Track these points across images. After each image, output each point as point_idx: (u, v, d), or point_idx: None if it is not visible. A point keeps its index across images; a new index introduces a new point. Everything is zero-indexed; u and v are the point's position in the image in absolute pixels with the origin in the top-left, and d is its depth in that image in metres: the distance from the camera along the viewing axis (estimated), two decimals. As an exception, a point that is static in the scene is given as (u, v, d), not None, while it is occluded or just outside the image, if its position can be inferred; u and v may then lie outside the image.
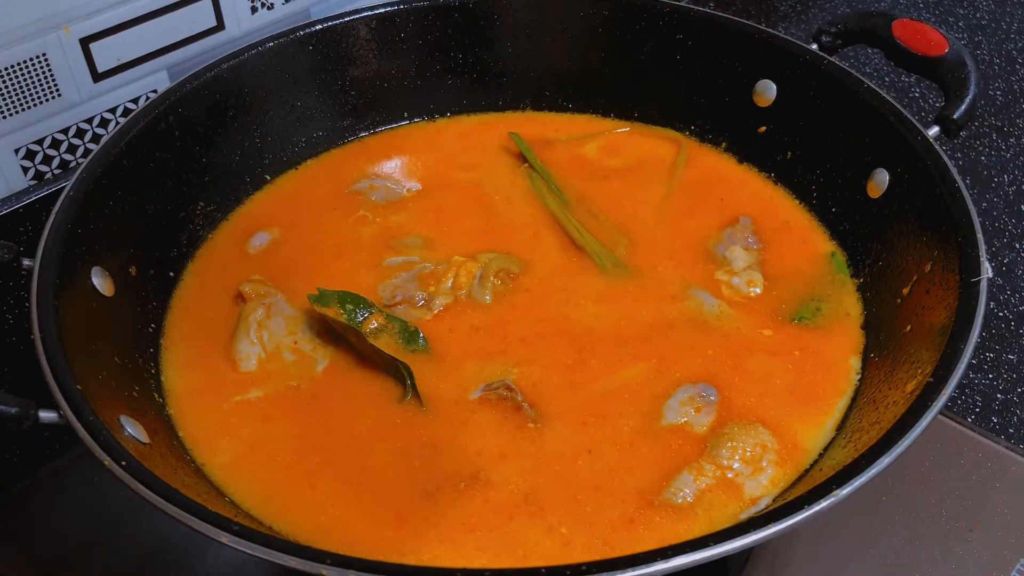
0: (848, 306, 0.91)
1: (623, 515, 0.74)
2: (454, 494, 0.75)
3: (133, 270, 0.88)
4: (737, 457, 0.76)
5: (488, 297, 0.91)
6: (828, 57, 1.00)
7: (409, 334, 0.87)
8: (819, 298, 0.91)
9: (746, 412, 0.81)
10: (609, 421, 0.81)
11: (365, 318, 0.88)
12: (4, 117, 0.96)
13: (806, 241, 0.98)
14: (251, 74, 1.02)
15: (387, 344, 0.87)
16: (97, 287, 0.82)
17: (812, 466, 0.77)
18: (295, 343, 0.88)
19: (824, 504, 0.61)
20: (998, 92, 1.44)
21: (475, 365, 0.85)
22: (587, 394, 0.83)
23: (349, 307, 0.88)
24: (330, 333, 0.88)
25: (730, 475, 0.76)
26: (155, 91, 1.07)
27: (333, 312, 0.87)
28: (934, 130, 0.90)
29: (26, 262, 0.77)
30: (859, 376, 0.84)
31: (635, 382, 0.84)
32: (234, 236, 1.00)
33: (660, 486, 0.76)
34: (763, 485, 0.75)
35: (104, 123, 1.05)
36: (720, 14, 1.07)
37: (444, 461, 0.78)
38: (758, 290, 0.93)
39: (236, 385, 0.85)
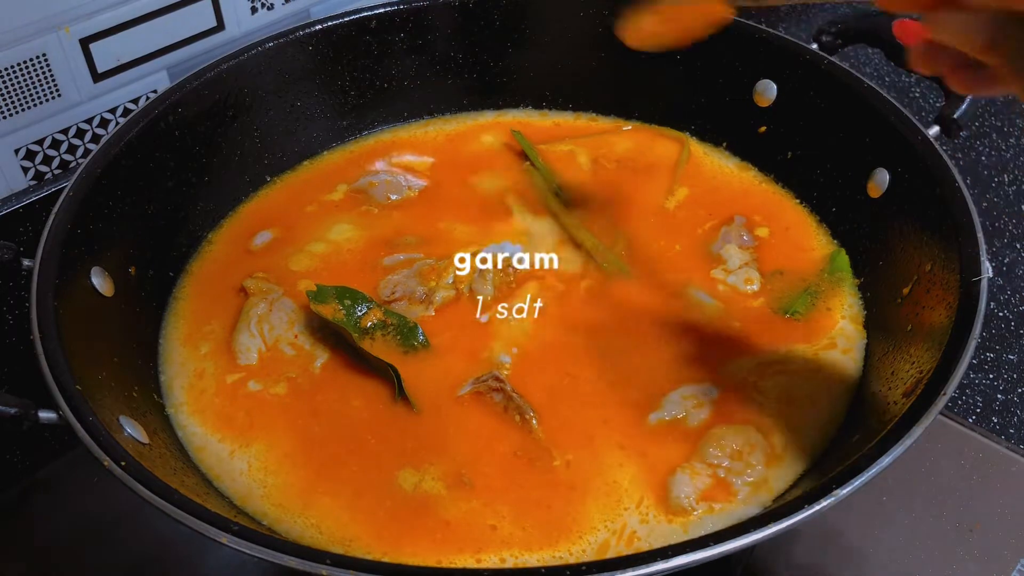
0: (848, 305, 0.91)
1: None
2: (442, 494, 0.75)
3: (133, 270, 0.88)
4: (726, 455, 0.76)
5: (489, 290, 0.91)
6: (828, 57, 1.00)
7: (408, 329, 0.87)
8: (817, 297, 0.91)
9: (742, 410, 0.81)
10: (605, 416, 0.81)
11: (363, 313, 0.88)
12: (4, 117, 0.96)
13: (806, 241, 0.98)
14: (251, 74, 1.02)
15: (385, 340, 0.87)
16: (97, 287, 0.82)
17: (811, 466, 0.77)
18: (295, 337, 0.88)
19: (824, 504, 0.61)
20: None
21: (472, 360, 0.85)
22: (583, 389, 0.83)
23: (347, 303, 0.88)
24: (329, 329, 0.88)
25: (721, 473, 0.76)
26: (155, 91, 1.07)
27: (331, 309, 0.87)
28: (934, 130, 0.90)
29: (26, 262, 0.77)
30: (859, 375, 0.85)
31: (632, 378, 0.84)
32: (234, 236, 1.00)
33: (655, 483, 0.76)
34: (752, 482, 0.76)
35: (104, 123, 1.05)
36: (720, 14, 1.07)
37: (434, 460, 0.78)
38: (755, 288, 0.93)
39: (235, 384, 0.85)
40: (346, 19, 1.07)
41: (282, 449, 0.79)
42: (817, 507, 0.60)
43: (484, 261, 0.93)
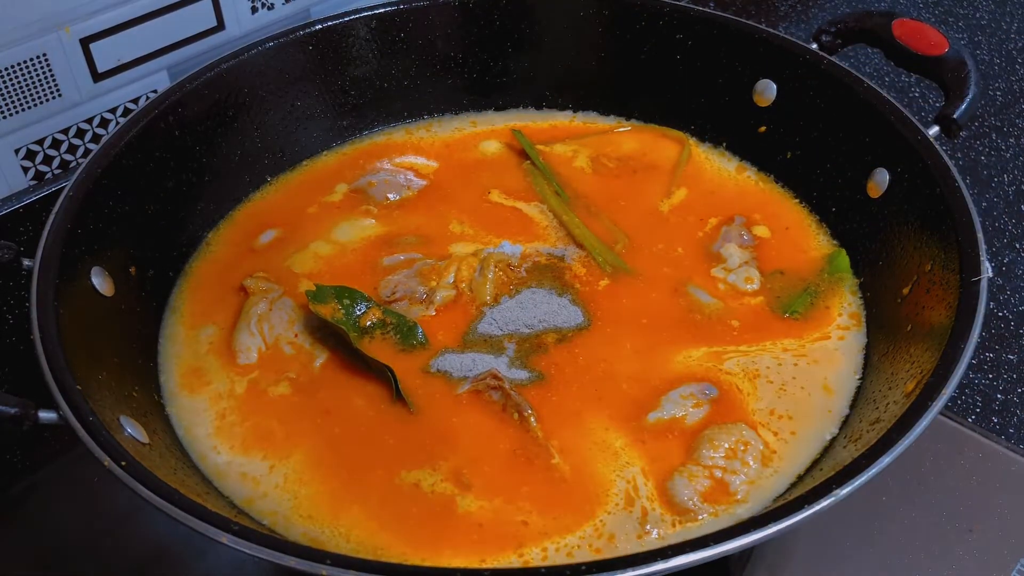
0: (847, 305, 0.91)
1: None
2: (461, 496, 0.75)
3: (133, 270, 0.88)
4: (720, 456, 0.76)
5: (489, 289, 0.91)
6: (828, 57, 1.00)
7: (408, 329, 0.87)
8: (817, 296, 0.91)
9: (740, 409, 0.81)
10: (604, 415, 0.81)
11: (362, 313, 0.88)
12: (4, 117, 0.96)
13: (806, 240, 0.98)
14: (251, 74, 1.02)
15: (384, 340, 0.87)
16: (97, 287, 0.82)
17: (812, 465, 0.77)
18: (295, 336, 0.88)
19: (824, 504, 0.61)
20: (998, 92, 1.44)
21: (472, 358, 0.86)
22: (582, 388, 0.83)
23: (346, 302, 0.88)
24: (328, 329, 0.88)
25: (718, 473, 0.76)
26: (155, 91, 1.07)
27: (330, 309, 0.88)
28: (934, 130, 0.90)
29: (26, 262, 0.77)
30: (859, 375, 0.85)
31: (630, 377, 0.84)
32: (234, 236, 1.00)
33: (656, 481, 0.76)
34: (749, 481, 0.76)
35: (104, 123, 1.05)
36: (720, 14, 1.07)
37: (448, 457, 0.78)
38: (755, 286, 0.93)
39: (235, 383, 0.85)
40: (346, 19, 1.07)
41: (282, 449, 0.79)
42: (817, 507, 0.60)
43: (484, 261, 0.93)
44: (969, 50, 1.05)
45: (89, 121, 1.03)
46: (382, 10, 1.08)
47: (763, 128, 1.06)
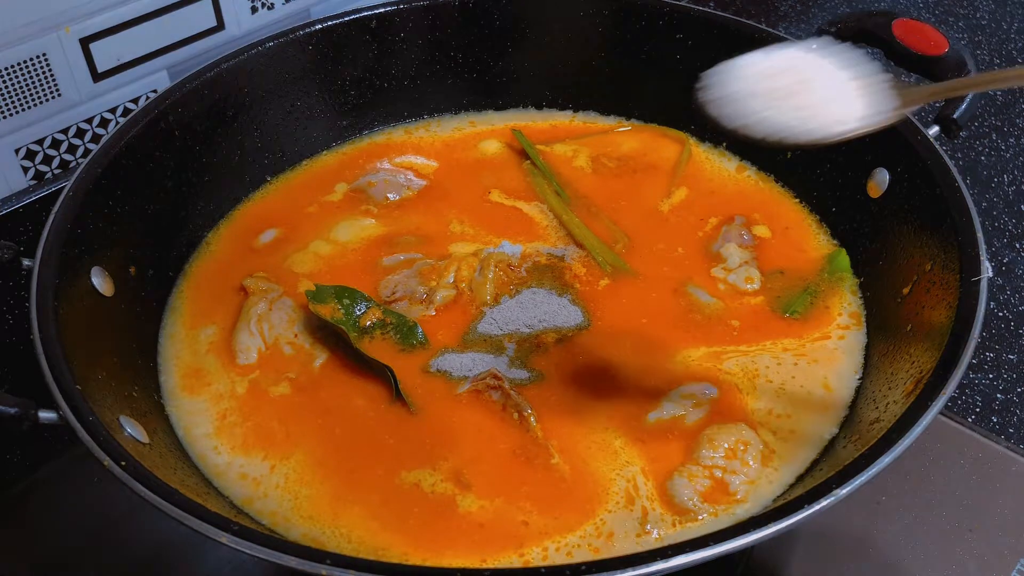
0: (847, 304, 0.91)
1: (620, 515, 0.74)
2: (462, 496, 0.75)
3: (133, 270, 0.88)
4: (720, 456, 0.76)
5: (489, 289, 0.91)
6: (828, 57, 1.00)
7: (408, 329, 0.87)
8: (817, 296, 0.91)
9: (739, 409, 0.81)
10: (604, 414, 0.81)
11: (362, 313, 0.88)
12: (4, 117, 0.96)
13: (806, 240, 0.99)
14: (251, 74, 1.02)
15: (385, 340, 0.87)
16: (97, 287, 0.82)
17: (812, 465, 0.77)
18: (295, 336, 0.88)
19: (824, 504, 0.61)
20: (998, 92, 1.44)
21: (472, 358, 0.86)
22: (582, 387, 0.83)
23: (346, 302, 0.88)
24: (328, 329, 0.88)
25: (718, 473, 0.76)
26: (155, 91, 1.07)
27: (330, 309, 0.88)
28: (934, 130, 0.90)
29: (26, 262, 0.77)
30: (859, 375, 0.85)
31: (630, 377, 0.84)
32: (234, 235, 1.00)
33: (657, 481, 0.76)
34: (749, 480, 0.76)
35: (104, 123, 1.05)
36: (720, 14, 1.07)
37: (448, 456, 0.78)
38: (755, 286, 0.93)
39: (236, 384, 0.85)
40: (346, 19, 1.07)
41: (282, 449, 0.79)
42: (817, 507, 0.60)
43: (484, 261, 0.93)
44: (969, 50, 1.05)
45: (89, 121, 1.03)
46: (382, 10, 1.08)
47: (763, 128, 1.06)
